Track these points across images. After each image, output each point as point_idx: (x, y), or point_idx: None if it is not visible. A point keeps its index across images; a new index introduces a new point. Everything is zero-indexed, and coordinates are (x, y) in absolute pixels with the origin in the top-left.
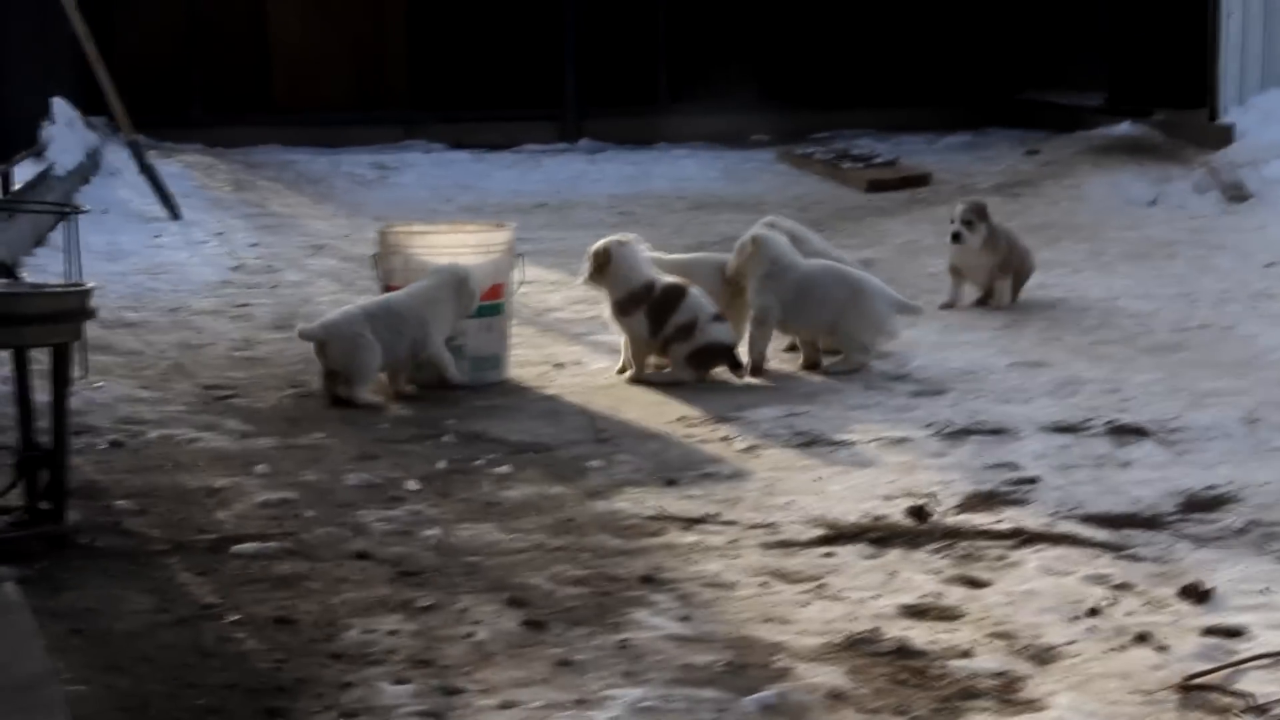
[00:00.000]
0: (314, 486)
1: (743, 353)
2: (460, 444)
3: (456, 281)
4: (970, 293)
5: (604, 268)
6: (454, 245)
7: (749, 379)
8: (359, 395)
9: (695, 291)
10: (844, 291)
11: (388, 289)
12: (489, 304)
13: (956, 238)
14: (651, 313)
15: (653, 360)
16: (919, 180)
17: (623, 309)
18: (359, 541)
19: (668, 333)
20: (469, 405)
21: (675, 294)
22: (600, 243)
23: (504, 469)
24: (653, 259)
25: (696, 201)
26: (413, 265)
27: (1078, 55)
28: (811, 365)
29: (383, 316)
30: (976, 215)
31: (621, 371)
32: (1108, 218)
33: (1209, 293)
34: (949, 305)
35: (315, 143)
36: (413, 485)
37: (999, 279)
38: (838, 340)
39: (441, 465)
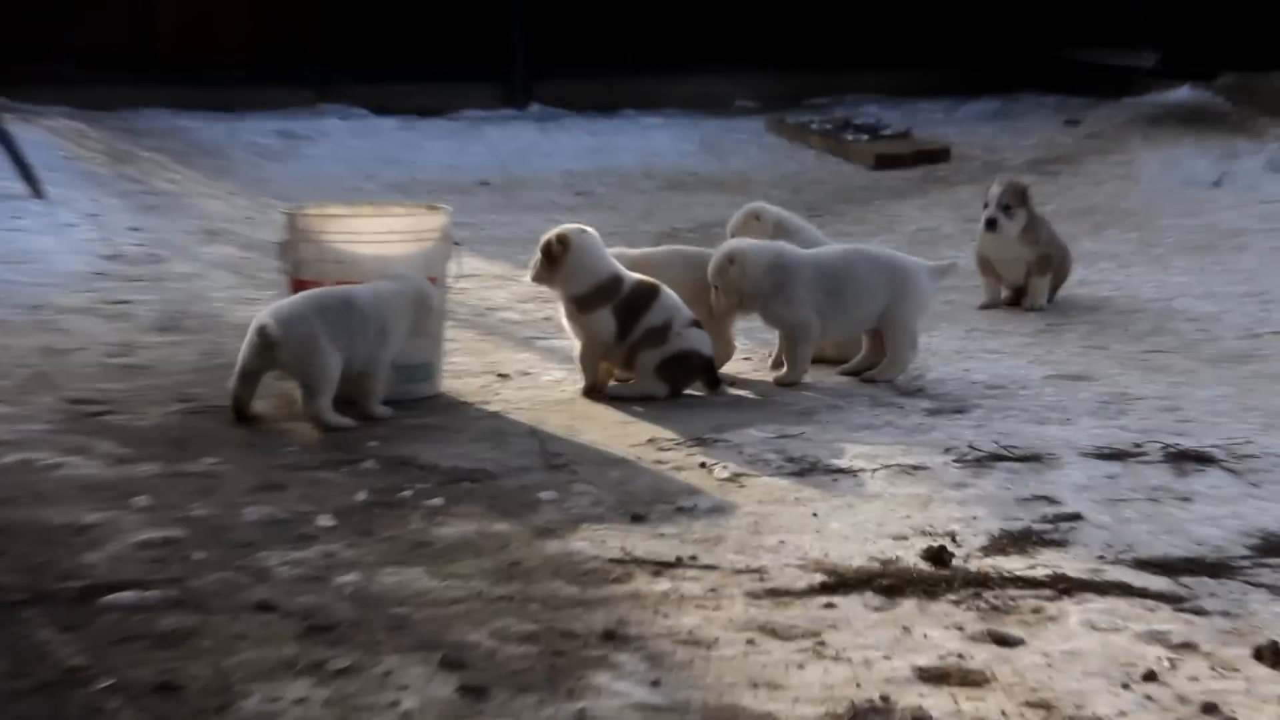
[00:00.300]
0: (205, 523)
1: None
2: (384, 471)
3: (419, 294)
4: (1000, 291)
5: (559, 260)
6: (379, 231)
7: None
8: (328, 413)
9: (670, 292)
10: (882, 275)
11: (296, 285)
12: None
13: (992, 224)
14: (620, 312)
15: (616, 373)
16: (936, 155)
17: (585, 305)
18: (260, 590)
19: (635, 337)
20: (395, 425)
21: (647, 292)
22: (554, 230)
23: (436, 501)
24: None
25: (669, 180)
26: (328, 256)
27: (1127, 5)
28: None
29: (339, 312)
30: (1016, 199)
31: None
32: (1162, 201)
33: None
34: (990, 305)
35: (209, 106)
36: (326, 521)
37: (1035, 275)
38: (887, 336)
39: (361, 497)
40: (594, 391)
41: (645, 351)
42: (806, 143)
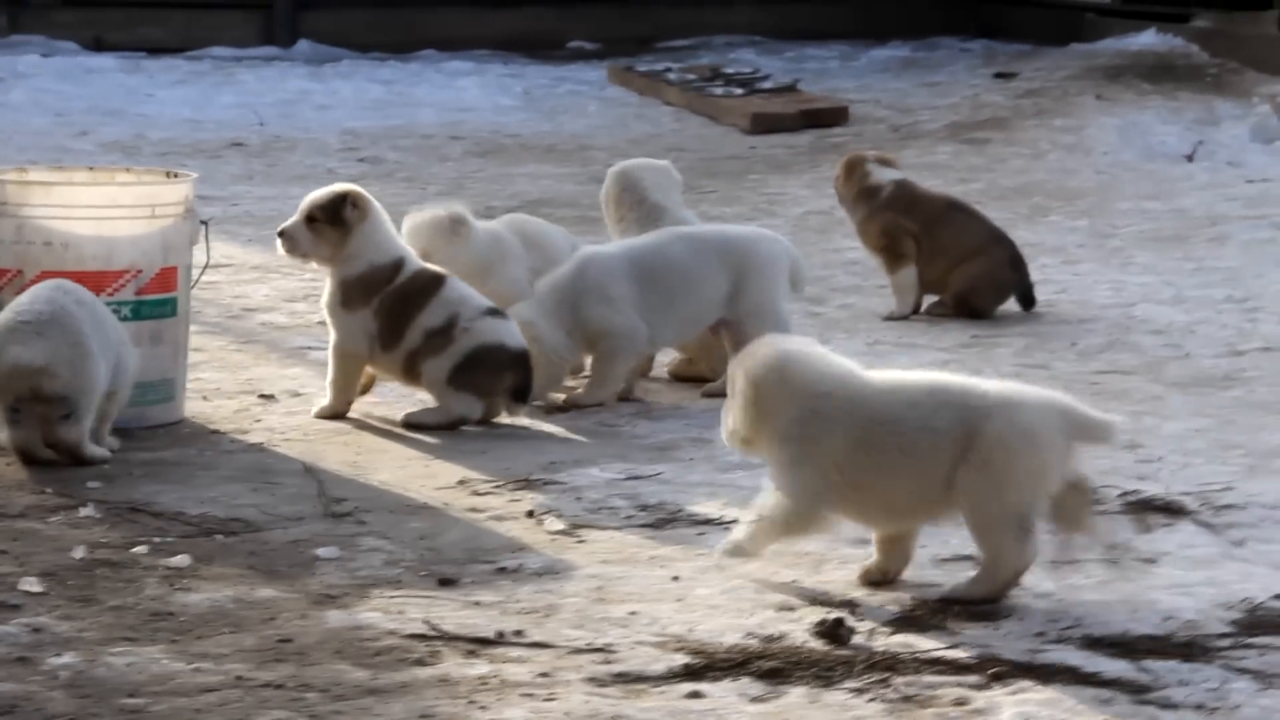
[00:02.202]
0: None
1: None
2: (109, 520)
3: None
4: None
5: (349, 229)
6: (100, 205)
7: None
8: (89, 442)
9: (457, 282)
10: (710, 255)
11: None
12: (154, 299)
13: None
14: (386, 311)
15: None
16: (830, 116)
17: (348, 299)
18: None
19: (412, 344)
20: (124, 459)
21: (426, 283)
22: (338, 187)
23: (180, 560)
24: (469, 230)
25: (483, 144)
26: (32, 235)
27: None
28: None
29: (93, 309)
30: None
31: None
32: (1121, 179)
33: (1275, 297)
34: (905, 315)
35: None
36: (32, 586)
37: (889, 265)
38: (747, 331)
39: (79, 554)
40: (336, 415)
41: (429, 360)
42: (662, 97)
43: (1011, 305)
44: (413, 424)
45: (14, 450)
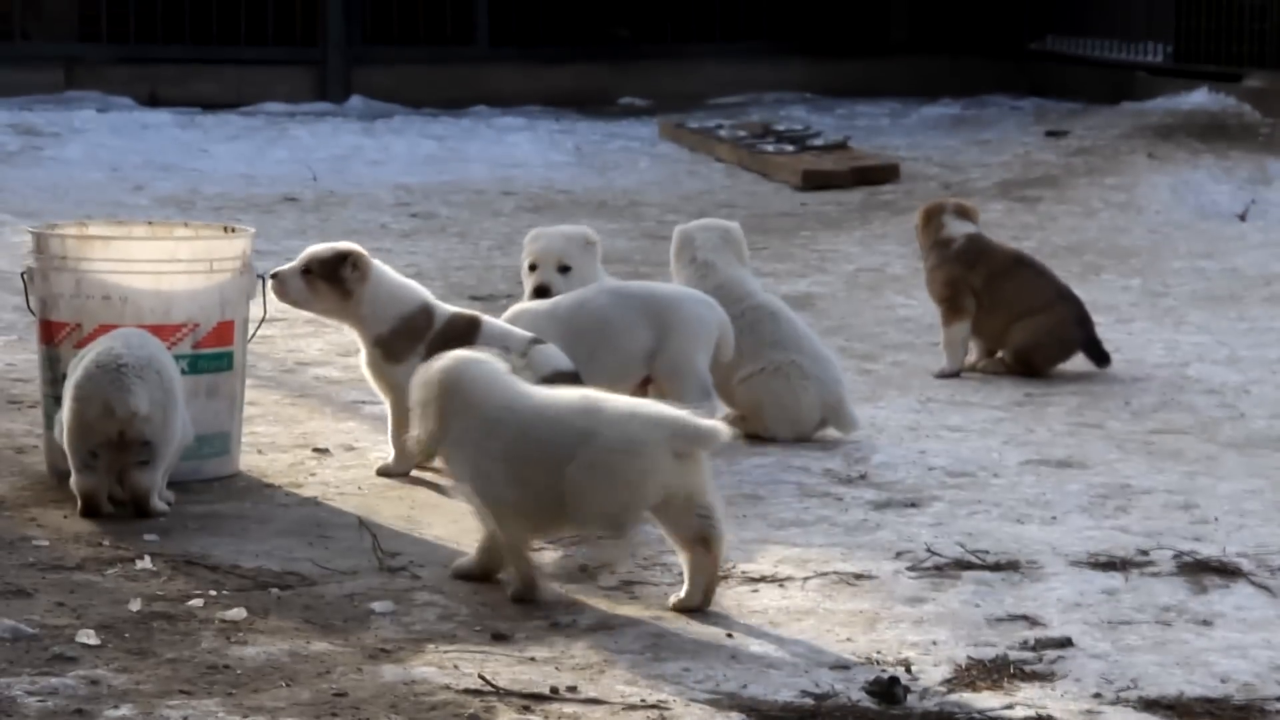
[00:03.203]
0: None
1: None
2: (166, 573)
3: None
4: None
5: (352, 290)
6: (158, 259)
7: None
8: (160, 495)
9: (492, 319)
10: (634, 310)
11: (46, 329)
12: (210, 352)
13: None
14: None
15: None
16: (881, 174)
17: (391, 352)
18: None
19: None
20: (179, 513)
21: (467, 324)
22: (334, 246)
23: (235, 613)
24: (597, 249)
25: (534, 199)
26: (90, 290)
27: None
28: None
29: (169, 360)
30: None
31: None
32: (1173, 238)
33: None
34: (955, 373)
35: None
36: (88, 638)
37: (945, 318)
38: (667, 388)
39: (135, 607)
40: (402, 473)
41: None
42: (713, 154)
43: (1074, 364)
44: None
45: (80, 496)
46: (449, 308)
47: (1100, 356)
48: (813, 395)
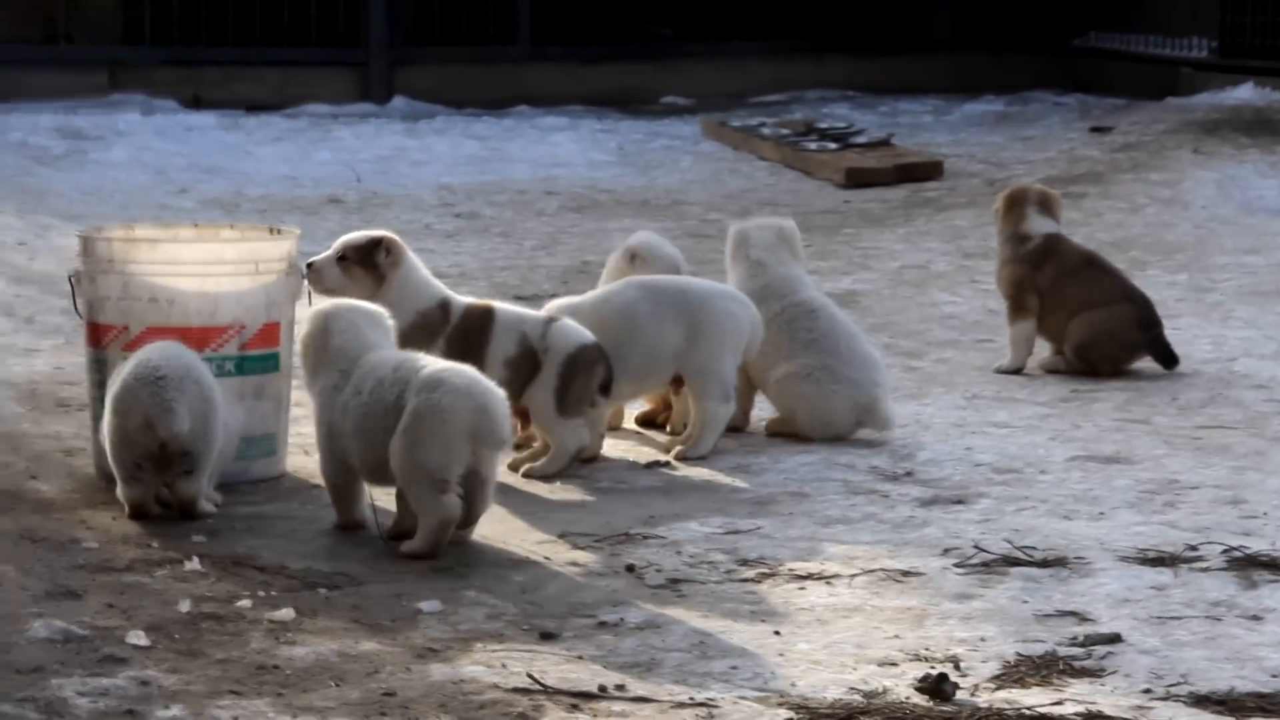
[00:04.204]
0: None
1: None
2: (214, 574)
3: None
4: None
5: (383, 276)
6: (205, 261)
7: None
8: (207, 497)
9: (506, 306)
10: (668, 307)
11: (93, 331)
12: (257, 354)
13: None
14: (455, 351)
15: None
16: (925, 170)
17: (408, 346)
18: None
19: (497, 379)
20: (227, 514)
21: (482, 314)
22: (367, 233)
23: (284, 613)
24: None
25: (577, 199)
26: (137, 292)
27: None
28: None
29: (204, 367)
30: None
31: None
32: (1218, 233)
33: None
34: (1017, 369)
35: None
36: (138, 639)
37: (1010, 315)
38: (688, 387)
39: (184, 608)
40: None
41: (532, 393)
42: (756, 152)
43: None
44: (534, 476)
45: (127, 505)
46: (465, 299)
47: (1167, 359)
48: (844, 399)
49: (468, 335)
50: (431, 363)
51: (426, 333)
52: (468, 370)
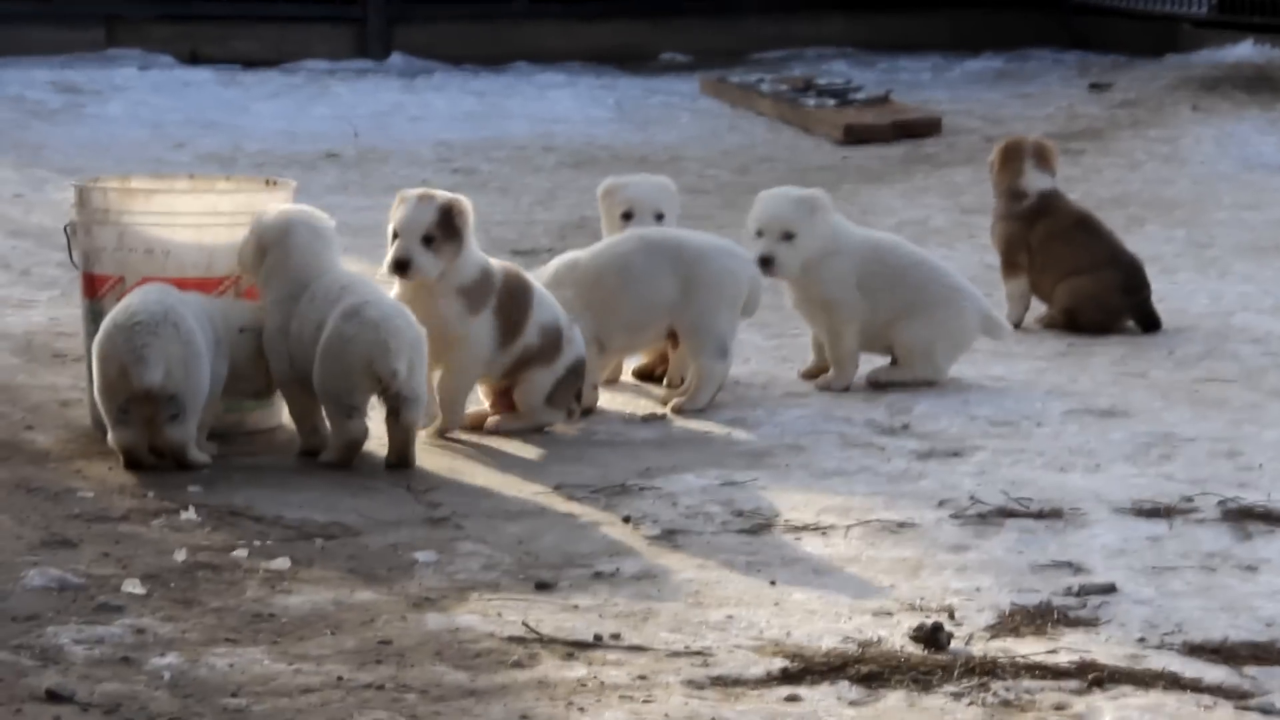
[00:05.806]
0: None
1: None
2: (210, 524)
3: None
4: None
5: (457, 236)
6: (200, 212)
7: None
8: (196, 445)
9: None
10: (663, 260)
11: (89, 282)
12: (251, 305)
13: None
14: (504, 307)
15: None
16: (923, 127)
17: (473, 304)
18: (49, 675)
19: (530, 340)
20: (223, 464)
21: (522, 278)
22: (440, 194)
23: (280, 563)
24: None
25: (575, 155)
26: (133, 243)
27: None
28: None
29: (198, 308)
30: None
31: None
32: (1218, 189)
33: None
34: (1015, 324)
35: None
36: (134, 588)
37: (1004, 272)
38: (683, 343)
39: (180, 557)
40: (448, 433)
41: (536, 369)
42: (754, 109)
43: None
44: (494, 431)
45: (119, 451)
46: (496, 261)
47: (1149, 324)
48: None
49: (514, 292)
50: (363, 292)
51: (484, 290)
52: (389, 303)
